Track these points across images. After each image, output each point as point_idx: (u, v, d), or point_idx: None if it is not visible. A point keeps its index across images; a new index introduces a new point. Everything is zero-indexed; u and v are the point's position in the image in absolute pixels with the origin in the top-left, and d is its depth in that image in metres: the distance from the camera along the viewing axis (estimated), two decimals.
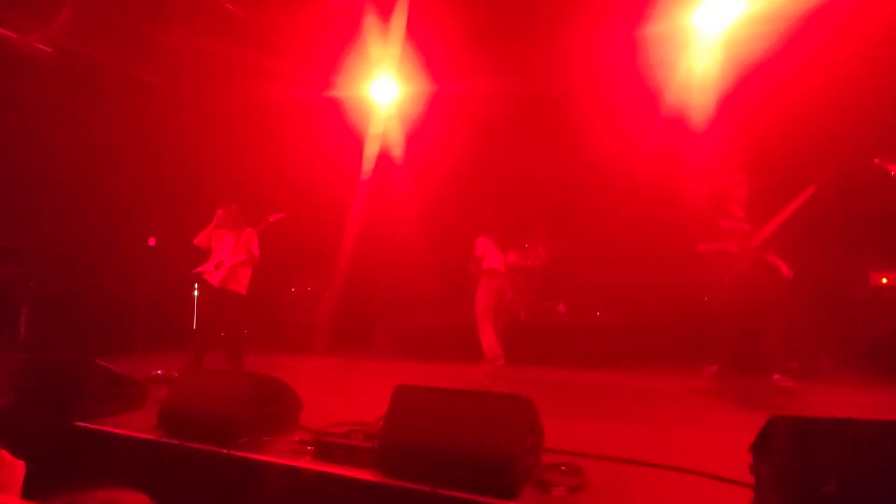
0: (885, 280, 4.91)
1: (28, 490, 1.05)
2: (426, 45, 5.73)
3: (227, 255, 4.83)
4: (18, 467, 1.05)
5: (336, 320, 6.99)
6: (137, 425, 2.72)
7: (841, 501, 1.24)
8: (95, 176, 6.51)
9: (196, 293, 8.01)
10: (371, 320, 7.49)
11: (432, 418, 1.99)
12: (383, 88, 6.44)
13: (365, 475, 1.95)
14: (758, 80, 5.08)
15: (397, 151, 7.12)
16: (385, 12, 5.40)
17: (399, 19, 5.44)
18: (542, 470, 1.96)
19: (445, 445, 1.89)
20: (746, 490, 1.76)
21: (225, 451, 2.25)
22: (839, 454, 1.29)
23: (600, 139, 6.10)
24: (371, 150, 7.02)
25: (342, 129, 6.92)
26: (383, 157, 7.11)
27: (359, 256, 7.04)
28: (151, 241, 7.39)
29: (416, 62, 5.90)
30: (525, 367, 5.25)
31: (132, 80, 6.43)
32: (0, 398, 3.22)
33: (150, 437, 2.53)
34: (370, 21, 5.45)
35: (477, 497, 1.73)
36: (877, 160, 3.81)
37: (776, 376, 4.07)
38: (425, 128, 6.78)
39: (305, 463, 2.10)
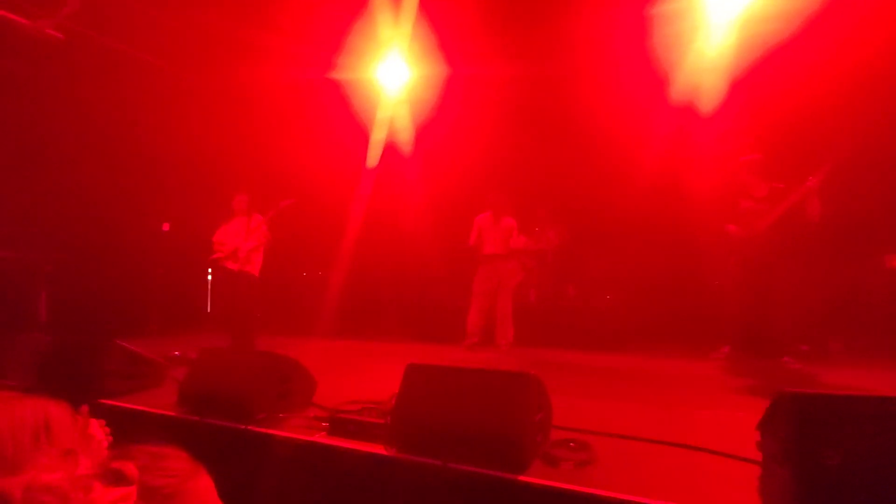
0: None
1: None
2: (438, 25, 5.63)
3: (242, 241, 4.96)
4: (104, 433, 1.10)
5: (347, 303, 7.07)
6: (159, 402, 2.81)
7: (845, 475, 1.27)
8: (111, 163, 6.59)
9: (210, 277, 8.15)
10: (382, 303, 7.57)
11: (443, 395, 2.04)
12: (392, 71, 6.37)
13: (378, 449, 2.02)
14: (777, 62, 4.94)
15: (406, 137, 7.08)
16: None
17: None
18: (551, 446, 2.01)
19: (456, 421, 1.94)
20: (753, 466, 1.79)
21: (243, 426, 2.33)
22: (844, 429, 1.31)
23: (612, 122, 6.03)
24: (378, 136, 7.00)
25: (352, 113, 6.90)
26: (392, 142, 7.09)
27: (369, 239, 7.09)
28: (165, 227, 7.51)
29: (427, 43, 5.81)
30: (535, 349, 5.29)
31: (145, 65, 6.47)
32: (24, 379, 3.34)
33: (172, 413, 2.62)
34: None
35: (486, 471, 1.79)
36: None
37: (786, 358, 4.09)
38: (436, 112, 6.72)
39: (321, 438, 2.17)
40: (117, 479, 0.63)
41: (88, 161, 6.42)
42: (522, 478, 1.75)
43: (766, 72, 5.01)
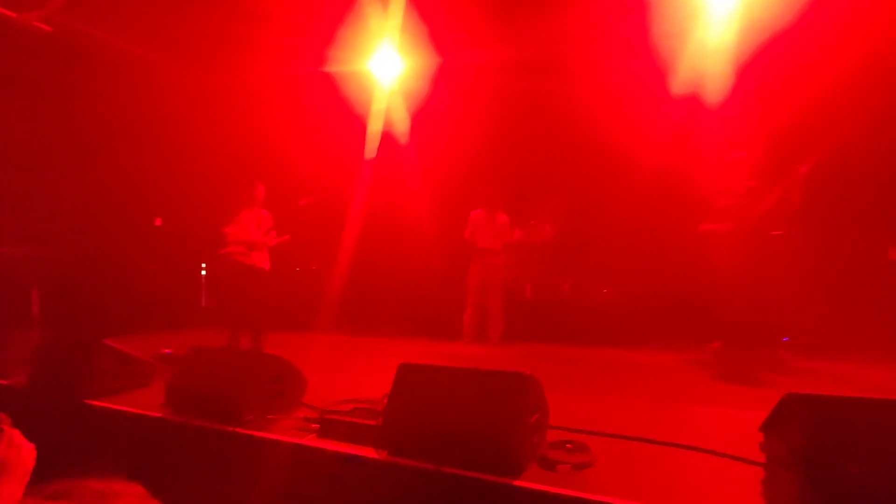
0: None
1: (40, 466, 1.02)
2: (431, 14, 5.51)
3: (256, 235, 4.86)
4: (29, 451, 1.00)
5: (342, 298, 7.00)
6: (145, 403, 2.74)
7: (864, 483, 1.20)
8: (102, 158, 6.48)
9: (204, 272, 8.06)
10: (377, 298, 7.49)
11: (436, 396, 1.98)
12: (385, 62, 6.25)
13: (369, 453, 1.95)
14: (779, 49, 4.82)
15: (402, 129, 6.98)
16: None
17: None
18: (547, 448, 1.94)
19: (449, 424, 1.87)
20: (756, 468, 1.73)
21: (230, 428, 2.26)
22: (859, 434, 1.24)
23: (610, 114, 5.93)
24: (374, 128, 6.89)
25: (346, 106, 6.79)
26: (388, 134, 6.98)
27: (364, 234, 7.00)
28: (158, 222, 7.41)
29: (419, 33, 5.70)
30: (531, 344, 5.24)
31: (137, 58, 6.36)
32: (15, 377, 3.29)
33: (158, 414, 2.55)
34: None
35: (480, 475, 1.72)
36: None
37: (779, 350, 4.08)
38: (431, 103, 6.62)
39: (310, 440, 2.10)
40: None
41: (79, 157, 6.31)
42: (518, 482, 1.68)
43: (770, 59, 4.90)
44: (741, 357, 4.08)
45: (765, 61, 4.88)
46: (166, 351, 4.38)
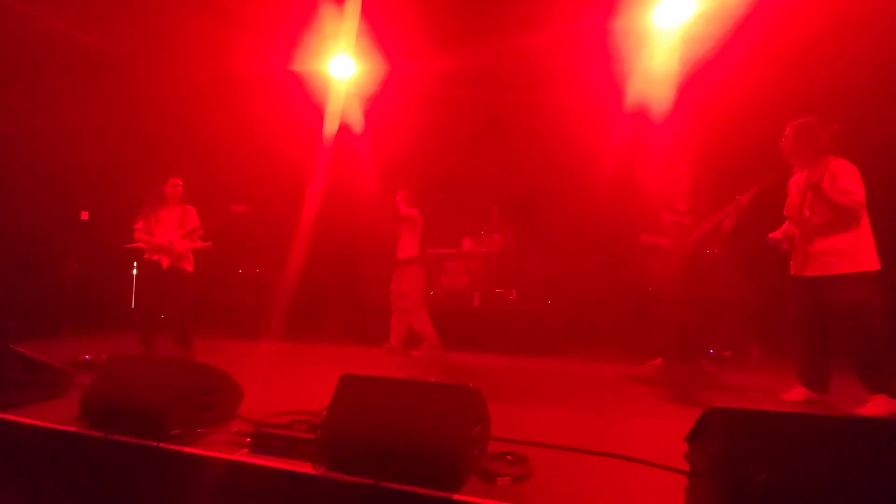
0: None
1: None
2: (382, 23, 5.53)
3: (175, 236, 4.57)
4: None
5: (286, 303, 6.77)
6: (58, 415, 2.51)
7: (771, 490, 1.29)
8: (21, 142, 5.92)
9: (136, 272, 7.53)
10: (322, 304, 7.31)
11: (377, 409, 1.94)
12: (341, 65, 6.18)
13: (306, 468, 1.88)
14: (710, 76, 5.23)
15: (356, 130, 6.90)
16: None
17: None
18: (488, 460, 1.96)
19: (390, 437, 1.84)
20: (682, 477, 1.82)
21: (155, 443, 2.11)
22: (769, 445, 1.34)
23: (558, 128, 6.15)
24: (330, 128, 6.76)
25: (297, 105, 6.63)
26: (339, 139, 6.87)
27: (311, 238, 6.83)
28: (84, 215, 6.86)
29: (372, 40, 5.70)
30: (476, 354, 5.28)
31: (72, 43, 5.91)
32: None
33: (72, 428, 2.34)
34: None
35: (421, 490, 1.71)
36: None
37: (703, 362, 4.34)
38: (383, 108, 6.60)
39: (243, 456, 2.00)
40: None
41: None
42: (457, 496, 1.68)
43: (703, 83, 5.29)
44: (678, 370, 4.29)
45: (700, 85, 5.27)
46: (85, 357, 4.06)
